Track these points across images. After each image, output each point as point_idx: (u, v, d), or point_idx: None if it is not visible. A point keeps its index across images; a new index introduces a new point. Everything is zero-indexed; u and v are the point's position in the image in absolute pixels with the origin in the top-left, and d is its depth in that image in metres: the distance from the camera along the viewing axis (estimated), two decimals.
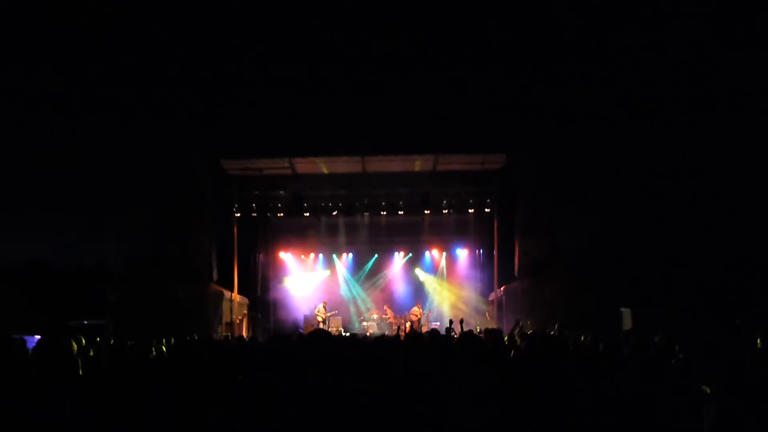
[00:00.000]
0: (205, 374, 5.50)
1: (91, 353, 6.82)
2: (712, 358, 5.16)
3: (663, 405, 4.88)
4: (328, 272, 22.85)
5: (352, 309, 22.38)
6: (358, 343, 8.18)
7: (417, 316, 20.25)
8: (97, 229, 14.80)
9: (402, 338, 8.66)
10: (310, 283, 22.57)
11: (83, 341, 6.72)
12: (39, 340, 5.95)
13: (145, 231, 15.15)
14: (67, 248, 14.62)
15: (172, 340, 8.37)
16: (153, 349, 6.99)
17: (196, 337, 10.00)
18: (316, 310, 20.43)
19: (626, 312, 13.28)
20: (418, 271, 22.52)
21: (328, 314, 20.53)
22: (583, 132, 14.60)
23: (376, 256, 22.84)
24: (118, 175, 14.89)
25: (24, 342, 5.51)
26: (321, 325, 18.77)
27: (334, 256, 22.88)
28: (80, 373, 5.27)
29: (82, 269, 14.41)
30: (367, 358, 6.46)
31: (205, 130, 15.23)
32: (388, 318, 20.94)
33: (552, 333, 7.98)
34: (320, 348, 4.11)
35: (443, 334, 10.36)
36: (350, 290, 22.79)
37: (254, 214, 19.28)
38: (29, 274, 13.92)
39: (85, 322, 12.43)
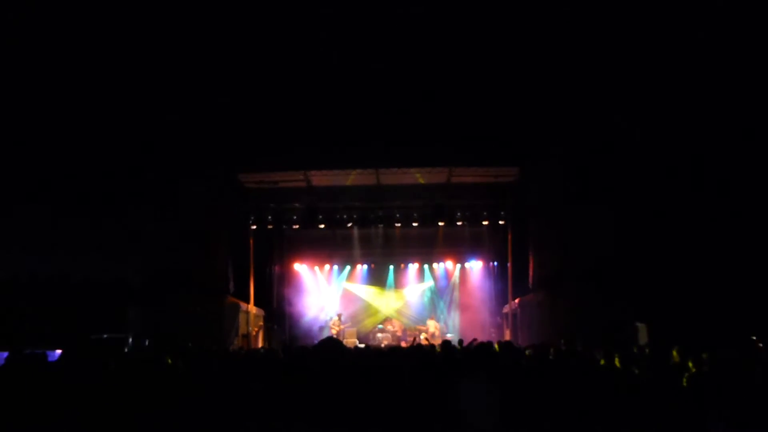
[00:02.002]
0: (221, 385, 5.58)
1: (111, 367, 6.92)
2: (726, 374, 5.14)
3: (676, 421, 4.87)
4: (342, 284, 22.92)
5: (366, 321, 22.41)
6: (370, 353, 8.21)
7: (432, 329, 20.22)
8: (117, 243, 14.98)
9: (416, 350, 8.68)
10: (325, 294, 22.64)
11: (104, 355, 6.83)
12: (61, 355, 6.08)
13: (164, 245, 15.31)
14: (88, 263, 14.81)
15: (189, 352, 8.45)
16: (171, 361, 7.08)
17: (214, 350, 10.08)
18: (332, 322, 20.49)
19: (642, 326, 13.17)
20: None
21: (343, 326, 20.56)
22: (596, 144, 14.56)
23: (392, 267, 22.88)
24: (138, 191, 15.10)
25: (45, 356, 5.60)
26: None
27: (349, 267, 22.96)
28: (101, 386, 5.36)
29: (103, 284, 14.59)
30: (379, 368, 6.51)
31: (223, 145, 15.41)
32: (396, 330, 20.93)
33: (561, 347, 7.95)
34: (331, 356, 4.17)
35: (455, 346, 10.37)
36: (365, 302, 22.81)
37: (270, 227, 19.41)
38: (52, 288, 14.13)
39: (105, 336, 12.58)
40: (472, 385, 4.88)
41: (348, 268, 22.95)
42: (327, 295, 22.68)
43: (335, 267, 23.05)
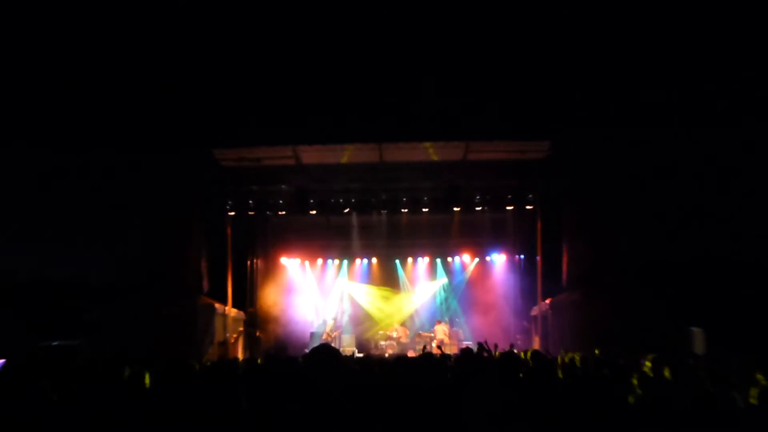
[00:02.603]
0: (194, 403, 5.59)
1: (63, 378, 6.95)
2: None
3: None
4: (338, 282, 22.96)
5: (367, 326, 22.47)
6: (372, 364, 8.22)
7: (440, 334, 20.27)
8: (70, 236, 14.97)
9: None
10: (317, 294, 22.69)
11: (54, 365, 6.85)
12: (3, 365, 6.10)
13: (125, 236, 15.31)
14: (38, 258, 14.81)
15: (155, 364, 8.48)
16: (133, 373, 7.10)
17: (185, 360, 10.11)
18: (327, 327, 20.56)
19: (698, 332, 13.16)
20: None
21: (339, 332, 20.63)
22: (645, 113, 14.42)
23: (398, 262, 22.90)
24: (94, 173, 15.04)
25: None
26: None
27: (346, 262, 22.98)
28: (50, 401, 5.38)
29: (55, 281, 14.61)
30: (382, 381, 6.51)
31: (194, 115, 15.33)
32: (401, 336, 21.00)
33: (592, 357, 7.95)
34: (326, 368, 4.14)
35: (477, 354, 10.37)
36: (367, 303, 22.87)
37: (251, 213, 19.40)
38: None
39: (56, 343, 12.65)
40: (495, 402, 4.87)
41: (345, 262, 22.98)
42: (320, 294, 22.72)
43: (330, 261, 23.07)
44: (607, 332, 13.57)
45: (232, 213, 19.04)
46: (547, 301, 18.04)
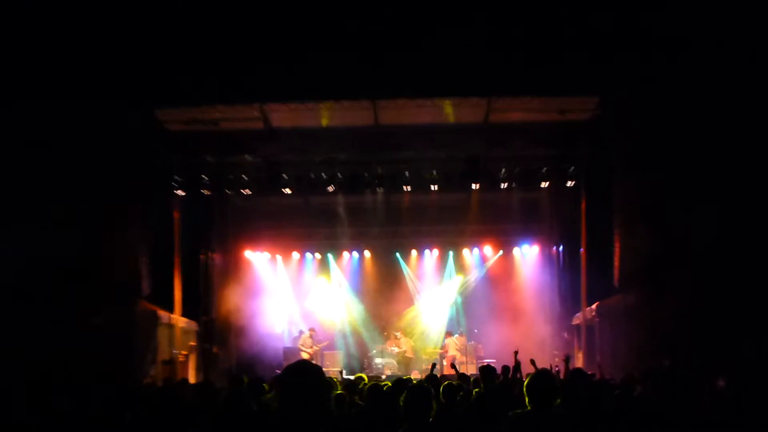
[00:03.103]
0: None
1: None
2: None
3: None
4: (321, 281, 22.99)
5: (359, 338, 22.54)
6: (365, 389, 8.24)
7: (452, 350, 20.34)
8: None
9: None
10: (292, 298, 22.70)
11: None
12: None
13: (41, 223, 15.23)
14: None
15: (81, 389, 8.49)
16: (53, 402, 7.10)
17: (121, 385, 10.14)
18: (301, 341, 20.60)
19: None
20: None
21: (318, 347, 20.67)
22: (721, 62, 14.33)
23: (398, 255, 22.90)
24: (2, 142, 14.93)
25: None
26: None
27: (330, 256, 22.98)
28: None
29: None
30: (376, 411, 6.50)
31: (129, 63, 15.23)
32: (404, 352, 21.04)
33: (662, 374, 7.99)
34: (304, 393, 4.10)
35: (503, 375, 10.41)
36: (356, 309, 22.93)
37: (206, 192, 19.39)
38: None
39: None
40: None
41: (330, 256, 22.99)
42: (296, 298, 22.75)
43: (309, 255, 23.07)
44: (674, 344, 13.59)
45: (181, 192, 18.99)
46: (594, 306, 18.09)
